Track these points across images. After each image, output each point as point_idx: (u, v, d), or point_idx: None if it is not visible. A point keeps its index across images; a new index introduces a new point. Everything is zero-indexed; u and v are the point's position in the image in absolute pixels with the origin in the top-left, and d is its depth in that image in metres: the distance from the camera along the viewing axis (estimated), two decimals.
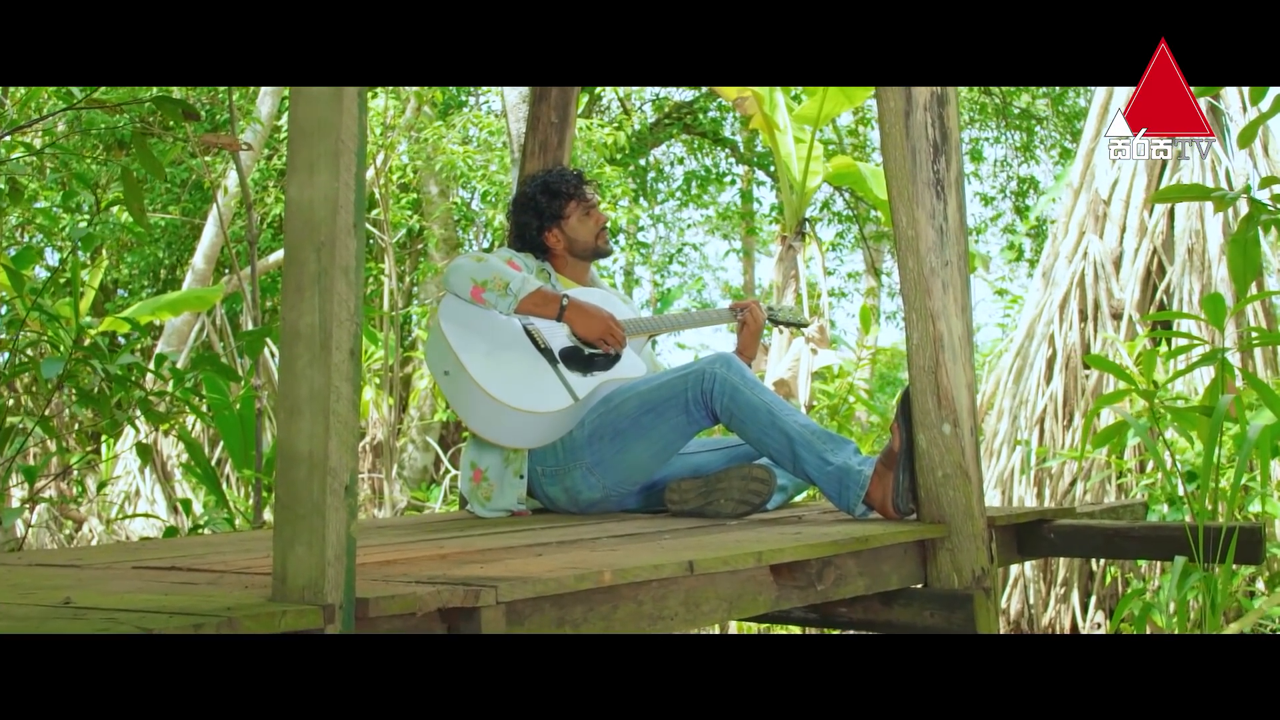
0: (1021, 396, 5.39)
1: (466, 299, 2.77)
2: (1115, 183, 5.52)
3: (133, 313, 5.34)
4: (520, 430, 2.70)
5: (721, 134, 11.89)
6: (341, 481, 1.44)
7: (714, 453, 2.95)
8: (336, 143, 1.44)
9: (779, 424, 2.57)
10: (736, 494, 2.59)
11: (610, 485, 2.77)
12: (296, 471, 1.44)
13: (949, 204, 2.39)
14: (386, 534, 2.40)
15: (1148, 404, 2.84)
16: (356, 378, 1.46)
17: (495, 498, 2.83)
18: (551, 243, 3.02)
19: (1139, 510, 3.24)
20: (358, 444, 1.46)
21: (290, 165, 1.48)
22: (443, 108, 8.72)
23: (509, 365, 2.72)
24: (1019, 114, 13.03)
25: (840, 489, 2.50)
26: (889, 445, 2.49)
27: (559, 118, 3.26)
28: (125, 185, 2.53)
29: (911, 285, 2.38)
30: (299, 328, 1.45)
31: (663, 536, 2.23)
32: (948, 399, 2.36)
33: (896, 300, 15.25)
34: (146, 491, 6.80)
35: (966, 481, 2.37)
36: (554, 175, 3.03)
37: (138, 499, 6.80)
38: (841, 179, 6.43)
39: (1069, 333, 5.36)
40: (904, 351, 2.44)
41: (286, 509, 1.45)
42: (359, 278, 1.47)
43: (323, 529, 1.42)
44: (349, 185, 1.45)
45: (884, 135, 2.42)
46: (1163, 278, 5.39)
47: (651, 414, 2.71)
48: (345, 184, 1.44)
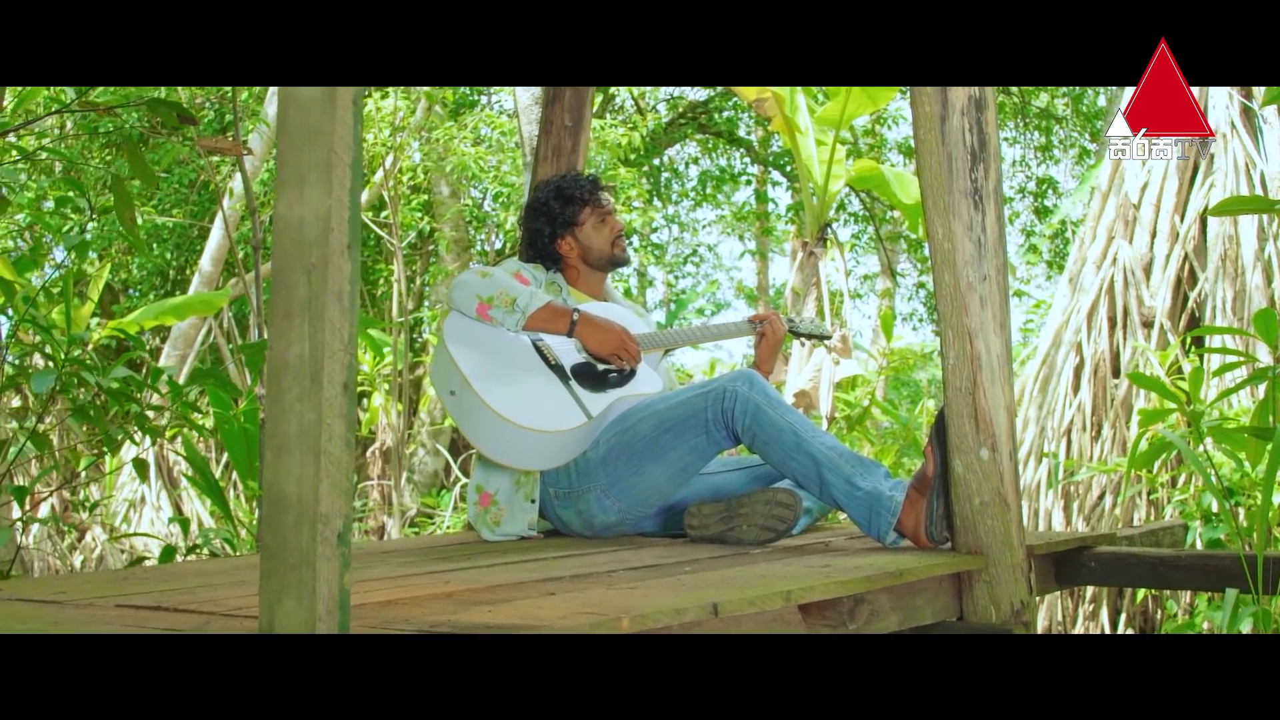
0: (1048, 407, 5.23)
1: (472, 316, 2.64)
2: (1145, 186, 5.35)
3: (137, 317, 5.23)
4: (531, 451, 2.57)
5: (736, 134, 11.74)
6: (334, 529, 1.31)
7: (736, 473, 2.82)
8: (329, 154, 1.31)
9: (804, 446, 2.43)
10: (760, 519, 2.45)
11: (626, 508, 2.64)
12: (284, 517, 1.31)
13: (987, 215, 2.25)
14: (390, 563, 2.27)
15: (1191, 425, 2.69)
16: (351, 414, 1.33)
17: (505, 523, 2.69)
18: (565, 251, 2.89)
19: (1178, 533, 3.10)
20: (353, 487, 1.33)
21: (279, 178, 1.34)
22: (454, 107, 8.59)
23: (518, 383, 2.58)
24: (1038, 113, 12.84)
25: (870, 516, 2.36)
26: (922, 470, 2.35)
27: (573, 120, 3.12)
28: (115, 194, 2.40)
29: (947, 301, 2.24)
30: (287, 358, 1.31)
31: (683, 569, 2.10)
32: (986, 422, 2.22)
33: (912, 303, 15.09)
34: (152, 499, 6.69)
35: (1005, 510, 2.23)
36: (567, 180, 2.89)
37: (143, 506, 6.70)
38: (864, 182, 6.28)
39: (1098, 341, 5.20)
40: (919, 353, 2.30)
41: (274, 558, 1.32)
42: (354, 303, 1.33)
43: (313, 581, 1.29)
44: (343, 201, 1.31)
45: (919, 142, 2.28)
46: (1194, 285, 5.22)
47: (669, 434, 2.58)
48: (339, 200, 1.31)
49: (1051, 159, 13.42)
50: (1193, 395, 2.86)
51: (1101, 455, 4.94)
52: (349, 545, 1.32)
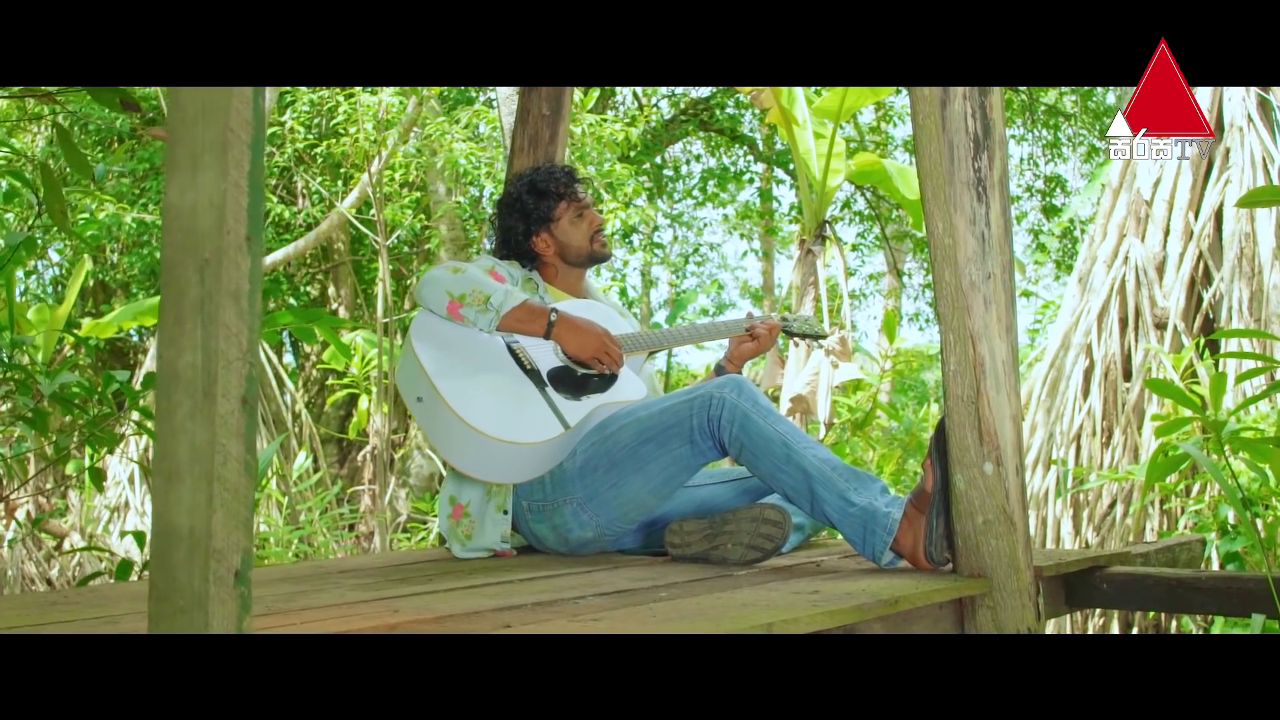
0: (1057, 412, 5.02)
1: (442, 315, 2.46)
2: (1158, 181, 5.14)
3: (115, 317, 5.07)
4: (503, 464, 2.39)
5: (739, 131, 11.54)
6: (230, 566, 1.13)
7: (723, 485, 2.64)
8: (224, 131, 1.13)
9: (795, 458, 2.24)
10: (746, 538, 2.27)
11: (604, 523, 2.46)
12: (174, 552, 1.14)
13: (992, 207, 2.06)
14: (343, 585, 2.09)
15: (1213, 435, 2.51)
16: (250, 434, 1.15)
17: (476, 536, 2.52)
18: (540, 248, 2.71)
19: (1196, 549, 2.90)
20: (252, 516, 1.15)
21: (167, 160, 1.17)
22: (451, 103, 8.42)
23: (490, 390, 2.40)
24: (1046, 110, 12.63)
25: (864, 534, 2.18)
26: (920, 485, 2.16)
27: (551, 109, 2.94)
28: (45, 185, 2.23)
29: (948, 302, 2.05)
30: (178, 368, 1.14)
31: (658, 595, 1.92)
32: (990, 434, 2.03)
33: (918, 303, 14.90)
34: (136, 503, 6.53)
35: (1011, 529, 2.04)
36: (542, 173, 2.71)
37: (127, 511, 6.54)
38: (865, 177, 6.07)
39: (1108, 343, 4.99)
40: (925, 352, 2.12)
41: (162, 600, 1.14)
42: (256, 305, 1.15)
43: (205, 627, 1.12)
44: (240, 185, 1.14)
45: (917, 129, 2.09)
46: (1209, 285, 5.02)
47: (651, 443, 2.39)
48: (235, 184, 1.13)
49: (1059, 156, 13.22)
50: (1213, 403, 2.67)
51: (1112, 462, 4.74)
52: (248, 584, 1.14)
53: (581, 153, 6.59)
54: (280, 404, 7.42)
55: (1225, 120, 5.04)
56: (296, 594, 2.02)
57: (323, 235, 7.67)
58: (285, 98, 7.93)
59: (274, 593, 2.04)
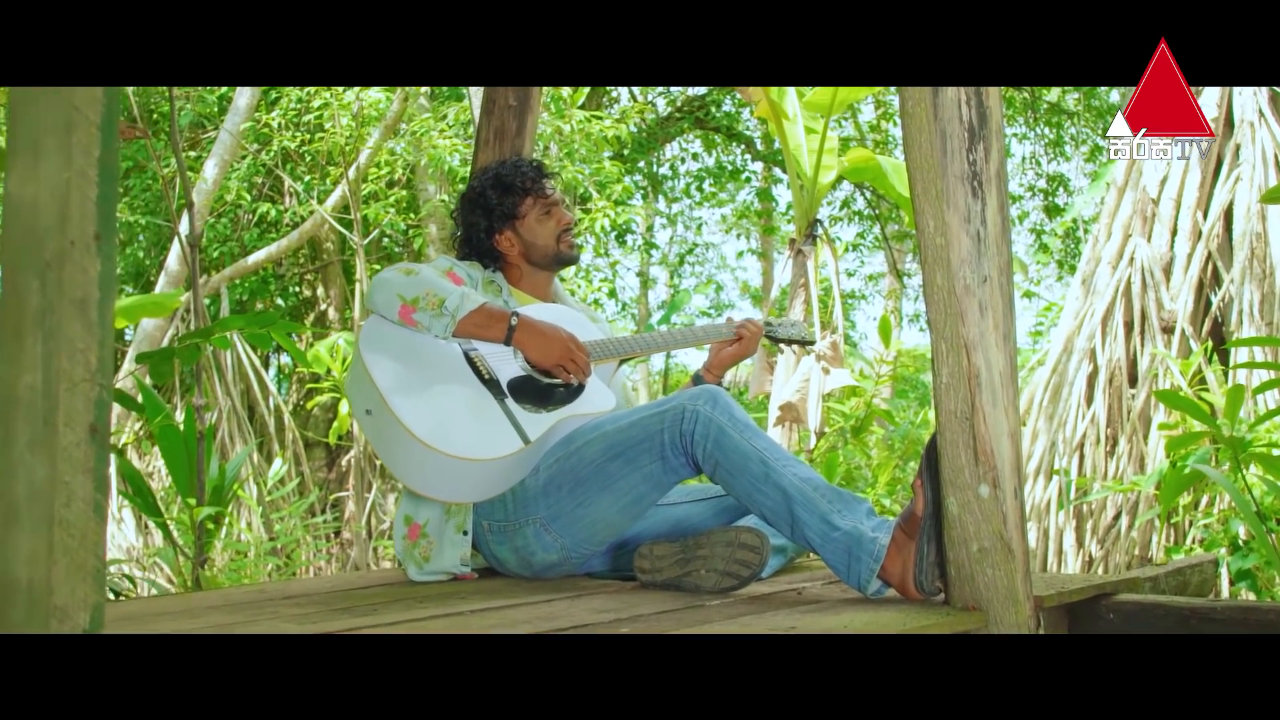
0: (1059, 419, 4.83)
1: (394, 320, 2.28)
2: (1165, 179, 4.95)
3: None
4: (458, 482, 2.21)
5: (737, 129, 11.36)
6: (77, 624, 0.96)
7: (699, 504, 2.46)
8: (70, 110, 0.96)
9: (774, 477, 2.06)
10: (720, 564, 2.09)
11: (570, 545, 2.28)
12: (13, 610, 0.96)
13: (988, 204, 1.88)
14: (281, 615, 1.92)
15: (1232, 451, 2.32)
16: (100, 468, 0.97)
17: (434, 558, 2.34)
18: (504, 247, 2.53)
19: (1209, 570, 2.72)
20: (103, 566, 0.97)
21: (9, 148, 0.99)
22: (441, 99, 8.24)
23: (445, 402, 2.22)
24: (1048, 108, 12.45)
25: (849, 561, 2.00)
26: (910, 508, 1.99)
27: (518, 100, 2.75)
28: None
29: (940, 308, 1.87)
30: (16, 391, 0.96)
31: (620, 629, 1.74)
32: (986, 453, 1.85)
33: (919, 304, 14.71)
34: (114, 510, 6.35)
35: (1009, 557, 1.86)
36: (507, 168, 2.53)
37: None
38: (859, 174, 5.88)
39: (1113, 347, 4.80)
40: (925, 354, 1.95)
41: None
42: (107, 317, 0.98)
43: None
44: (88, 175, 0.96)
45: (906, 117, 1.92)
46: (1218, 287, 4.82)
47: (620, 460, 2.21)
48: (82, 173, 0.96)
49: (1062, 155, 13.02)
50: (1230, 417, 2.49)
51: (1117, 472, 4.55)
52: None
53: (571, 150, 6.41)
54: (264, 408, 7.25)
55: (1235, 116, 4.86)
56: (227, 626, 1.85)
57: (306, 234, 7.49)
58: (271, 93, 7.76)
59: (205, 624, 1.87)
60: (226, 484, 4.05)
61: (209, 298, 7.34)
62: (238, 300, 7.98)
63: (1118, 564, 4.38)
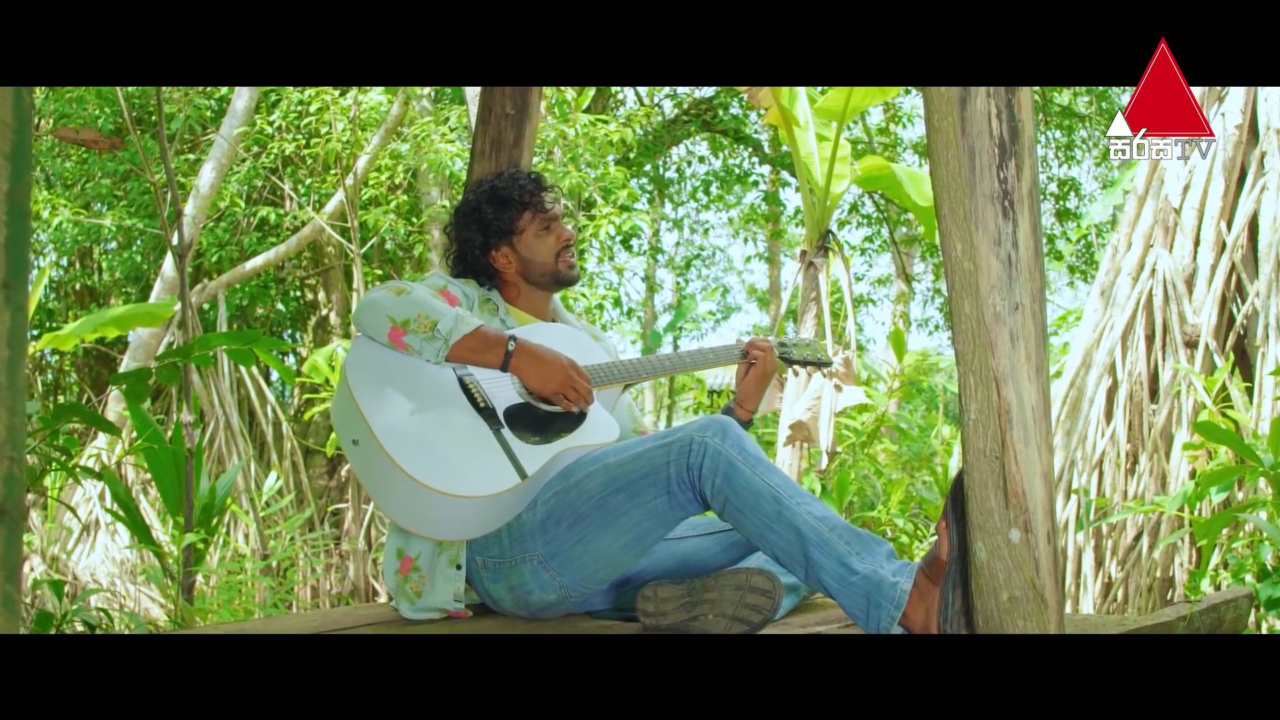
0: (1078, 435, 4.68)
1: (384, 343, 2.14)
2: (1187, 188, 4.80)
3: (76, 329, 4.76)
4: (450, 519, 2.07)
5: (744, 132, 11.21)
6: None
7: (707, 538, 2.32)
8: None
9: (787, 516, 1.93)
10: (729, 609, 1.95)
11: (569, 584, 2.14)
12: None
13: (1020, 225, 1.74)
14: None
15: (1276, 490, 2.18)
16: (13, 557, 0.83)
17: (426, 594, 2.20)
18: (500, 265, 2.39)
19: (1243, 605, 2.58)
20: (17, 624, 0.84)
21: None
22: (445, 103, 8.11)
23: (437, 433, 2.08)
24: (1059, 111, 12.28)
25: (868, 607, 1.86)
26: (934, 552, 1.85)
27: (516, 109, 2.62)
28: None
29: (968, 338, 1.73)
30: None
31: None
32: (1017, 494, 1.71)
33: (928, 308, 14.56)
34: (107, 521, 6.23)
35: (1042, 607, 1.72)
36: (504, 180, 2.39)
37: (98, 530, 6.24)
38: (872, 183, 5.73)
39: (1134, 362, 4.65)
40: (933, 358, 1.81)
41: None
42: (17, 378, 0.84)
43: None
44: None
45: (932, 132, 1.77)
46: (1243, 300, 4.67)
47: (623, 494, 2.08)
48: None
49: (1073, 159, 12.87)
50: (1274, 448, 2.33)
51: (1138, 491, 4.40)
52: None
53: (575, 155, 6.27)
54: (262, 416, 7.13)
55: (1260, 123, 4.71)
56: None
57: (306, 239, 7.36)
58: (271, 95, 7.63)
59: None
60: (217, 502, 3.92)
61: (208, 303, 7.21)
62: (237, 305, 7.86)
63: (1139, 586, 4.24)
